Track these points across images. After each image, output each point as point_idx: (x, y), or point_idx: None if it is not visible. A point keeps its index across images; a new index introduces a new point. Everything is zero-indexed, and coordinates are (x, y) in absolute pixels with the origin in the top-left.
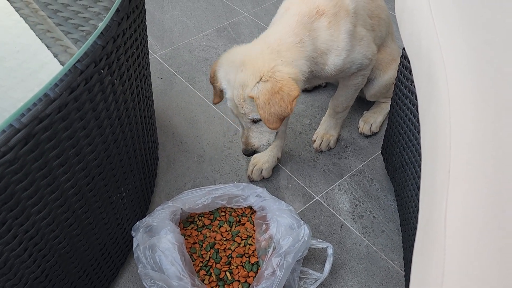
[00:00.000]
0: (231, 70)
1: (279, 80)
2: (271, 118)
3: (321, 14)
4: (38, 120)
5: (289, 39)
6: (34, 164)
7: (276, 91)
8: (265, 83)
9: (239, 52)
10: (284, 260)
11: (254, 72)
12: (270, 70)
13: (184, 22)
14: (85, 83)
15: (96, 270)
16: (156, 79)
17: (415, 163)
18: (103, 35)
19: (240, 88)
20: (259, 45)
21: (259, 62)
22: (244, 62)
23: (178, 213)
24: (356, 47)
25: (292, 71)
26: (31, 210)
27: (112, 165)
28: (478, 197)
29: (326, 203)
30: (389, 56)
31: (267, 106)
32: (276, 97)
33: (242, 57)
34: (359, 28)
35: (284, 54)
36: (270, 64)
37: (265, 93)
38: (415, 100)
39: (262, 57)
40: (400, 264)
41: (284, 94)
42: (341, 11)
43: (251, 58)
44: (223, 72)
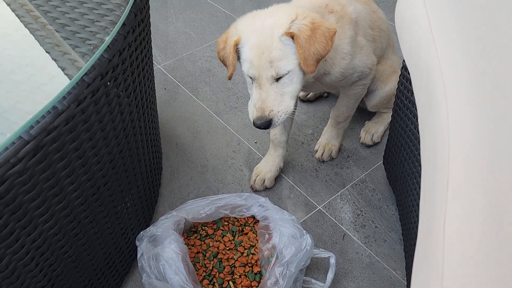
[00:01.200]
0: (255, 21)
1: (318, 21)
2: (310, 58)
3: (330, 11)
4: (46, 132)
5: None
6: (42, 175)
7: (317, 27)
8: (304, 20)
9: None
10: (287, 269)
11: (286, 13)
12: (305, 11)
13: (188, 33)
14: (92, 95)
15: (101, 280)
16: (160, 89)
17: (416, 173)
18: (110, 49)
19: (270, 30)
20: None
21: (288, 8)
22: (271, 11)
23: (182, 222)
24: (358, 55)
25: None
26: (38, 220)
27: (117, 175)
28: (476, 207)
29: (328, 213)
30: (390, 68)
31: (308, 43)
32: (317, 32)
33: (269, 9)
34: (359, 37)
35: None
36: (302, 7)
37: (306, 28)
38: (416, 111)
39: (293, 2)
40: (402, 273)
41: (324, 29)
42: (346, 16)
43: (278, 7)
44: (242, 29)
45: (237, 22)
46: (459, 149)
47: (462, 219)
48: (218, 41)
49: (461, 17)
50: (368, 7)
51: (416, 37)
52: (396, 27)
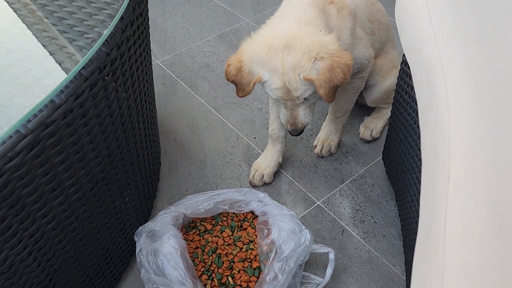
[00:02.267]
0: (272, 57)
1: (335, 54)
2: (330, 92)
3: (331, 2)
4: (44, 126)
5: (311, 9)
6: (39, 169)
7: (336, 66)
8: (322, 61)
9: (271, 35)
10: (286, 264)
11: (304, 51)
12: (320, 44)
13: (186, 28)
14: (90, 89)
15: (99, 275)
16: (158, 85)
17: (415, 168)
18: (108, 42)
19: (293, 71)
20: (289, 21)
21: (305, 39)
22: (287, 44)
23: (181, 218)
24: (356, 46)
25: (335, 37)
26: (36, 215)
27: (115, 170)
28: (477, 202)
29: (327, 208)
30: (389, 62)
31: (327, 83)
32: (336, 70)
33: (282, 38)
34: (358, 29)
35: (315, 21)
36: (317, 37)
37: (325, 72)
38: (416, 106)
39: (304, 33)
40: (401, 268)
41: (342, 66)
42: (345, 7)
43: (293, 37)
44: (258, 62)
45: (251, 52)
46: (460, 144)
47: (463, 214)
48: (229, 64)
49: (462, 11)
50: (366, 0)
51: (416, 31)
52: (396, 21)
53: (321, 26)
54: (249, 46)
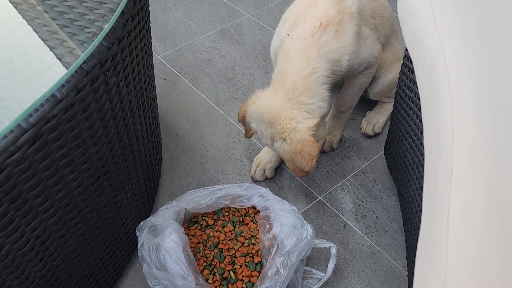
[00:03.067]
0: (261, 123)
1: (300, 142)
2: (297, 170)
3: (326, 26)
4: (45, 120)
5: (301, 75)
6: (41, 163)
7: (298, 152)
8: (288, 144)
9: (265, 103)
10: (287, 259)
11: (278, 132)
12: (291, 130)
13: (187, 23)
14: (91, 84)
15: (101, 269)
16: (159, 80)
17: (417, 163)
18: (109, 37)
19: (270, 140)
20: (279, 97)
21: (281, 122)
22: (270, 121)
23: (182, 213)
24: (363, 47)
25: (312, 123)
26: (38, 209)
27: (117, 165)
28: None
29: (329, 203)
30: (393, 55)
31: (291, 162)
32: (298, 156)
33: (268, 112)
34: (363, 28)
35: (302, 99)
36: (291, 124)
37: (288, 152)
38: (418, 101)
39: (284, 115)
40: (403, 263)
41: (305, 154)
42: (345, 16)
43: (274, 117)
44: (254, 122)
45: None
46: (463, 138)
47: (466, 210)
48: (240, 110)
49: (465, 4)
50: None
51: (419, 25)
52: (398, 15)
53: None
54: (251, 105)
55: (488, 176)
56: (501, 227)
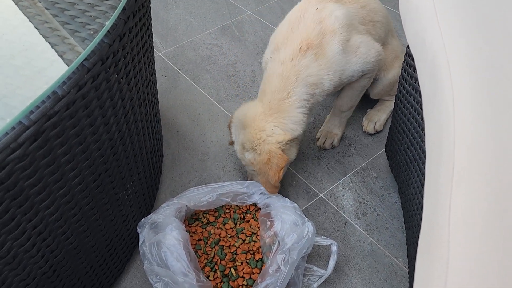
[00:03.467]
0: (237, 128)
1: (267, 153)
2: (267, 184)
3: (306, 50)
4: (46, 117)
5: (276, 97)
6: (42, 160)
7: (265, 162)
8: (257, 154)
9: (242, 112)
10: (288, 256)
11: (249, 139)
12: (261, 142)
13: (188, 20)
14: (92, 81)
15: (103, 266)
16: (160, 77)
17: (419, 160)
18: (110, 34)
19: (241, 147)
20: (256, 108)
21: (252, 131)
22: (244, 126)
23: (183, 210)
24: (353, 59)
25: (281, 138)
26: (39, 206)
27: (118, 162)
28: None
29: (330, 201)
30: (391, 53)
31: (262, 174)
32: (265, 167)
33: (243, 120)
34: (353, 38)
35: (275, 116)
36: (261, 135)
37: (258, 163)
38: (419, 98)
39: (256, 124)
40: (404, 261)
41: (272, 164)
42: (327, 35)
43: (247, 123)
44: (234, 128)
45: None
46: (465, 136)
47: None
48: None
49: (467, 1)
50: (355, 5)
51: (421, 22)
52: (400, 12)
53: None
54: (234, 114)
55: (490, 175)
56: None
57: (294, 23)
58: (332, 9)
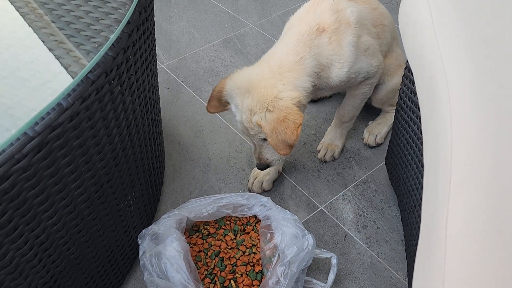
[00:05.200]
0: (237, 95)
1: (283, 109)
2: (280, 144)
3: (322, 31)
4: (51, 128)
5: (289, 59)
6: (46, 171)
7: (281, 120)
8: (270, 113)
9: (243, 76)
10: (288, 269)
11: (258, 100)
12: (274, 98)
13: (191, 33)
14: (96, 93)
15: (103, 277)
16: (163, 89)
17: (418, 173)
18: (114, 47)
19: (248, 113)
20: (260, 68)
21: (262, 90)
22: (248, 89)
23: (184, 221)
24: (361, 57)
25: (294, 95)
26: (42, 216)
27: (120, 173)
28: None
29: (330, 213)
30: (396, 61)
31: (274, 134)
32: (281, 125)
33: (246, 83)
34: (364, 37)
35: (286, 75)
36: (273, 91)
37: (271, 122)
38: (418, 112)
39: (264, 83)
40: (403, 274)
41: (289, 122)
42: (342, 25)
43: (254, 84)
44: (229, 95)
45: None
46: (462, 149)
47: (464, 219)
48: (219, 84)
49: (465, 17)
50: (367, 6)
51: (419, 37)
52: (399, 27)
53: (296, 75)
54: (228, 81)
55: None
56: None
57: (310, 8)
58: (348, 4)
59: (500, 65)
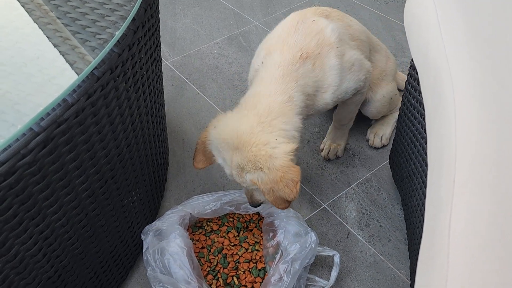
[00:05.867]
0: (224, 150)
1: (280, 169)
2: (279, 201)
3: (305, 58)
4: (56, 124)
5: (277, 100)
6: (51, 166)
7: (278, 180)
8: (266, 174)
9: (230, 129)
10: (291, 266)
11: (250, 159)
12: (268, 158)
13: (196, 30)
14: (102, 89)
15: (106, 272)
16: (167, 85)
17: (422, 172)
18: (120, 43)
19: (239, 170)
20: (247, 119)
21: (253, 149)
22: (237, 146)
23: (187, 218)
24: (347, 77)
25: (289, 148)
26: (46, 211)
27: (124, 169)
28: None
29: (333, 211)
30: (375, 74)
31: (272, 192)
32: (279, 185)
33: (235, 138)
34: (347, 54)
35: (276, 122)
36: (266, 150)
37: (267, 183)
38: (423, 110)
39: (255, 140)
40: (406, 273)
41: (287, 181)
42: (324, 47)
43: (244, 141)
44: (215, 147)
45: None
46: (466, 148)
47: (468, 219)
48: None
49: (470, 16)
50: (342, 23)
51: (424, 36)
52: (405, 26)
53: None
54: (212, 131)
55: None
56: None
57: (290, 30)
58: (326, 23)
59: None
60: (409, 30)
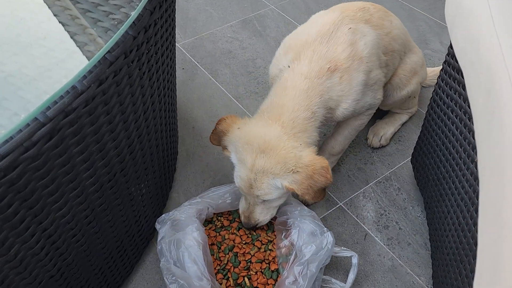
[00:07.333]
0: (246, 151)
1: (309, 165)
2: (317, 194)
3: (333, 70)
4: (64, 114)
5: (301, 116)
6: (57, 160)
7: (312, 174)
8: (298, 174)
9: (256, 133)
10: (307, 269)
11: (279, 162)
12: (298, 158)
13: (209, 11)
14: (114, 75)
15: (111, 267)
16: (178, 69)
17: (454, 177)
18: (135, 25)
19: (261, 174)
20: (274, 128)
21: (281, 152)
22: (263, 149)
23: (204, 213)
24: (367, 92)
25: (311, 150)
26: (51, 208)
27: (134, 161)
28: None
29: (350, 210)
30: (408, 73)
31: (310, 189)
32: (314, 178)
33: (262, 143)
34: (374, 72)
35: (300, 135)
36: (294, 154)
37: (303, 181)
38: (459, 111)
39: (283, 145)
40: (426, 280)
41: (319, 170)
42: (355, 61)
43: (272, 146)
44: (233, 145)
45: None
46: None
47: None
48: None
49: None
50: (380, 31)
51: (473, 31)
52: (446, 20)
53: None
54: (235, 131)
55: None
56: None
57: (324, 36)
58: (363, 33)
59: None
60: (453, 24)
